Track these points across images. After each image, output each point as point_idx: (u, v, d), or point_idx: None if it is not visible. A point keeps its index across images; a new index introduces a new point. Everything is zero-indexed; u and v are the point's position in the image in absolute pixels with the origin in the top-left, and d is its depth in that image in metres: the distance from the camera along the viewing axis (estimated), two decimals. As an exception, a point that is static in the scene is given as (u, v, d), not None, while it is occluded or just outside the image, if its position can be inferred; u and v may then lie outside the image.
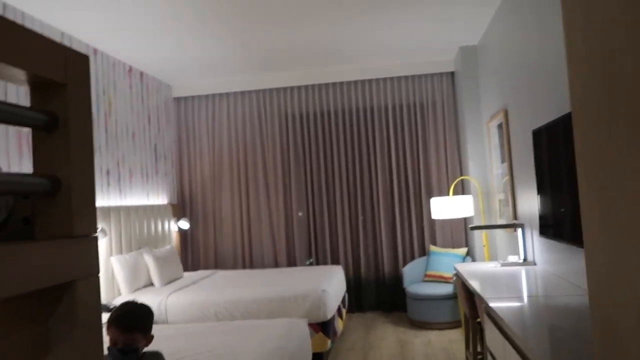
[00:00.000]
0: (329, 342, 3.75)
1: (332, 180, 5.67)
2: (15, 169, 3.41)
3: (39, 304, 0.75)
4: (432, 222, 5.48)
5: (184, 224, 5.64)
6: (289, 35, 4.42)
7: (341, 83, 5.72)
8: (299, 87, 5.79)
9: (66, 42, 4.00)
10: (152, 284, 4.51)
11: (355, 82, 5.70)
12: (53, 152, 0.77)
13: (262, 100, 5.83)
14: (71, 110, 0.78)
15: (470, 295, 3.17)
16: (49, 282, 0.72)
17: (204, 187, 5.90)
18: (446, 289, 4.68)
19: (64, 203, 0.77)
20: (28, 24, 3.56)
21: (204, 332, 2.70)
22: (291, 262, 5.66)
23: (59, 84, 0.78)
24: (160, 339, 2.60)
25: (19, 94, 3.51)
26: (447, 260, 4.96)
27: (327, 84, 5.74)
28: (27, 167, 3.51)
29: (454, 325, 4.67)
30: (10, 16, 3.39)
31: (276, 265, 5.67)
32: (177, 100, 6.01)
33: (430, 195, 5.48)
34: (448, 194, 5.37)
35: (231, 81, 5.82)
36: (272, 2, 3.65)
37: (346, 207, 5.61)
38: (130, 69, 5.03)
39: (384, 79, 5.65)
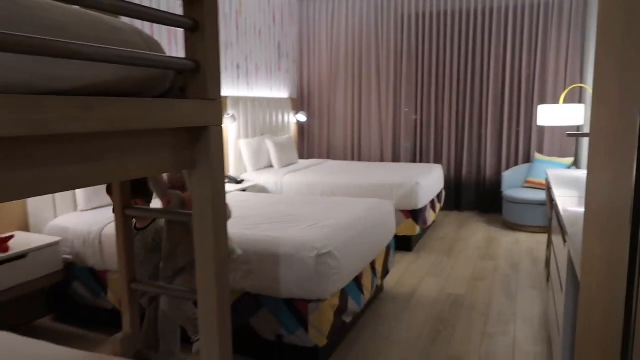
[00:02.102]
0: (418, 228, 4.21)
1: (442, 82, 5.76)
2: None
3: (190, 138, 1.27)
4: (541, 130, 5.41)
5: (302, 117, 6.25)
6: None
7: (462, -19, 5.55)
8: (417, -14, 5.74)
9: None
10: (271, 166, 5.26)
11: (478, -21, 5.49)
12: (195, 45, 1.23)
13: (380, 0, 5.92)
14: (207, 18, 1.22)
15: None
16: (195, 123, 1.22)
17: (321, 84, 6.37)
18: (544, 195, 4.78)
19: (202, 77, 1.24)
20: None
21: (304, 201, 3.31)
22: (396, 158, 6.06)
23: (199, 0, 1.21)
24: (272, 205, 3.26)
25: (160, 5, 4.13)
26: (551, 169, 4.97)
27: (447, -18, 5.60)
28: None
29: (546, 230, 4.82)
30: None
31: (382, 159, 6.12)
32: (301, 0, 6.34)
33: (543, 102, 5.35)
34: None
35: (351, -21, 5.95)
36: None
37: (454, 109, 5.72)
38: (258, -31, 5.42)
39: (509, -24, 5.36)
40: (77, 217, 2.92)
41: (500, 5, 5.42)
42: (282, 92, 6.09)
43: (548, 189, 3.46)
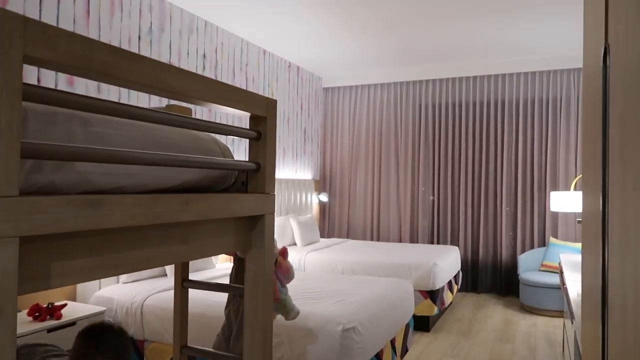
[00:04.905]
0: (436, 308, 4.34)
1: (458, 168, 6.10)
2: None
3: (249, 224, 1.56)
4: (555, 215, 5.61)
5: (324, 197, 6.58)
6: (426, 34, 4.96)
7: (475, 77, 6.05)
8: (433, 80, 6.26)
9: (244, 47, 5.07)
10: (295, 244, 5.51)
11: (489, 76, 5.98)
12: (258, 151, 1.56)
13: (399, 91, 6.44)
14: (268, 130, 1.56)
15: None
16: (254, 212, 1.51)
17: (342, 167, 6.76)
18: (559, 279, 4.89)
19: (261, 176, 1.55)
20: (216, 33, 4.67)
21: (329, 279, 3.52)
22: (413, 239, 6.27)
23: (263, 117, 1.56)
24: (298, 281, 3.48)
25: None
26: (565, 253, 5.12)
27: (460, 78, 6.12)
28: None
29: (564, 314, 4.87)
30: (208, 30, 4.51)
31: (400, 240, 6.33)
32: (326, 90, 6.91)
33: (556, 188, 5.61)
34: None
35: (372, 74, 6.53)
36: (408, 6, 4.25)
37: (469, 194, 6.00)
38: (290, 65, 6.02)
39: (518, 74, 5.84)
40: (120, 289, 3.17)
41: (511, 98, 5.87)
42: (306, 174, 6.48)
43: (561, 273, 3.63)
